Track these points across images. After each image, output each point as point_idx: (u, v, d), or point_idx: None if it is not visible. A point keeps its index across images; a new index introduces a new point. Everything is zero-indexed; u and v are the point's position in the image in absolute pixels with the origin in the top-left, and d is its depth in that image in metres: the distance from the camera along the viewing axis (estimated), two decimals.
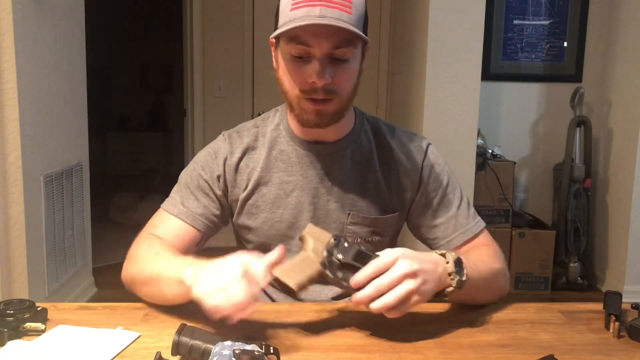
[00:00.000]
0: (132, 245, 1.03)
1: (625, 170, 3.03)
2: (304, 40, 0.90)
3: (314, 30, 0.89)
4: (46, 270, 2.38)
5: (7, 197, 2.15)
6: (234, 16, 4.00)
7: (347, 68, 0.94)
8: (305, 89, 0.94)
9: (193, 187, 1.06)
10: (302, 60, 0.93)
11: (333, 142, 1.06)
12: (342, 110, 0.98)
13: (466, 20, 2.75)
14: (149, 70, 6.76)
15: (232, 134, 1.09)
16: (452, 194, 1.09)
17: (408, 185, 1.09)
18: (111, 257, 3.46)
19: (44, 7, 2.33)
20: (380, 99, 4.09)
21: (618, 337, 0.87)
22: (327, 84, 0.92)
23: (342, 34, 0.89)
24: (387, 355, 0.79)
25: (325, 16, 0.87)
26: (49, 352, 0.78)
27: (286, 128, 1.08)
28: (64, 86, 2.57)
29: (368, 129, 1.10)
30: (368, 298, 0.79)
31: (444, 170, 1.11)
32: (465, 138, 2.83)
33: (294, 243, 1.05)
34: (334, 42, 0.90)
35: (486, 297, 1.00)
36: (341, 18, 0.88)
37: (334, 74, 0.92)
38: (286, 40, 0.93)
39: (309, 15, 0.88)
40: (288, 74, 0.95)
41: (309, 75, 0.92)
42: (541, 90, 3.38)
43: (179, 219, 1.04)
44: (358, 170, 1.06)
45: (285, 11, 0.91)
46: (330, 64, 0.92)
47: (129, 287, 1.01)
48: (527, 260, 3.11)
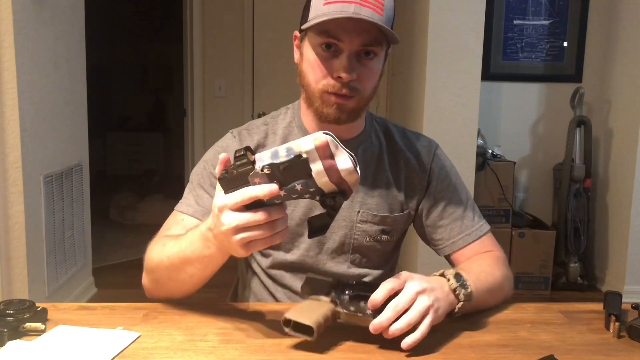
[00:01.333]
0: (146, 252, 1.01)
1: (625, 170, 3.03)
2: (336, 33, 0.92)
3: (347, 26, 0.91)
4: (46, 270, 2.38)
5: (7, 197, 2.15)
6: (234, 16, 4.00)
7: (372, 67, 0.96)
8: (330, 83, 0.95)
9: (207, 186, 1.06)
10: (330, 54, 0.94)
11: (345, 141, 1.06)
12: (360, 108, 1.00)
13: (466, 20, 2.75)
14: (149, 70, 6.76)
15: (241, 132, 1.09)
16: (458, 195, 1.11)
17: (417, 185, 1.10)
18: (111, 257, 3.47)
19: (44, 7, 2.33)
20: (380, 99, 4.09)
21: (618, 337, 0.87)
22: (352, 80, 0.94)
23: (372, 32, 0.92)
24: (387, 355, 0.79)
25: (359, 14, 0.89)
26: (49, 352, 0.78)
27: (299, 125, 1.08)
28: (64, 86, 2.57)
29: (378, 129, 1.12)
30: (388, 321, 0.77)
31: (451, 172, 1.13)
32: (465, 138, 2.83)
33: (302, 240, 1.06)
34: (364, 39, 0.92)
35: (492, 304, 1.00)
36: (373, 17, 0.90)
37: (360, 71, 0.94)
38: (317, 32, 0.94)
39: (343, 10, 0.89)
40: (314, 66, 0.96)
41: (336, 70, 0.94)
42: (541, 90, 3.38)
43: (194, 218, 1.02)
44: (369, 169, 1.07)
45: (318, 5, 0.92)
46: (357, 61, 0.94)
47: (155, 291, 0.99)
48: (527, 260, 3.11)
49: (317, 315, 0.78)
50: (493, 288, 0.97)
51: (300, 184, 0.73)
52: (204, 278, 0.91)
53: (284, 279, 1.08)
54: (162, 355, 0.79)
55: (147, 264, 0.98)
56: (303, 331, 0.77)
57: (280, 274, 1.08)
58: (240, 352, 0.80)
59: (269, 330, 0.86)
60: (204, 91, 4.08)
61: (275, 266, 1.08)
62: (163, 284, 0.96)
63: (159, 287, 0.98)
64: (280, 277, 1.08)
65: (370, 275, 1.10)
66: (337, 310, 0.81)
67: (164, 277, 0.95)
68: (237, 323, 0.90)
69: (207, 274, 0.90)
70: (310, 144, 0.71)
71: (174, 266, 0.91)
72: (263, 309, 0.97)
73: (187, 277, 0.90)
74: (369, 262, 1.09)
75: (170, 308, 0.96)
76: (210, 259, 0.85)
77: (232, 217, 0.74)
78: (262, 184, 0.72)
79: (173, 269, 0.91)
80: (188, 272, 0.89)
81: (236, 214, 0.74)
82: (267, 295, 1.10)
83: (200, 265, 0.87)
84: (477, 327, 0.91)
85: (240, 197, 0.73)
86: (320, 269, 1.07)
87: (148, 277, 0.99)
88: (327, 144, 0.71)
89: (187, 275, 0.90)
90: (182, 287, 0.95)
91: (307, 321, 0.77)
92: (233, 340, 0.84)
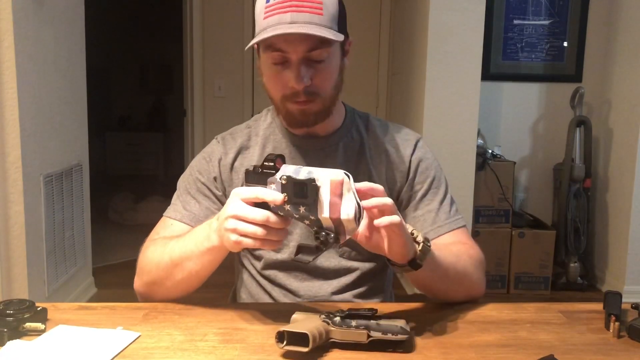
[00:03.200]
0: (139, 257, 1.02)
1: (625, 170, 3.03)
2: (279, 47, 0.93)
3: (287, 37, 0.91)
4: (46, 270, 2.38)
5: (7, 197, 2.15)
6: (234, 16, 4.00)
7: (325, 68, 0.97)
8: (287, 93, 0.97)
9: (193, 191, 1.07)
10: (281, 65, 0.96)
11: (325, 137, 1.08)
12: (326, 108, 1.01)
13: (466, 20, 2.76)
14: (149, 70, 6.76)
15: (225, 137, 1.12)
16: (436, 189, 1.10)
17: (397, 178, 1.10)
18: (111, 257, 3.46)
19: (44, 7, 2.33)
20: (380, 99, 4.09)
21: (618, 337, 0.87)
22: (306, 86, 0.95)
23: (314, 36, 0.91)
24: (387, 355, 0.79)
25: (297, 21, 0.90)
26: (49, 352, 0.78)
27: (279, 125, 1.10)
28: (64, 86, 2.57)
29: (360, 123, 1.13)
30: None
31: (432, 165, 1.12)
32: (465, 138, 2.83)
33: (291, 238, 1.07)
34: (307, 45, 0.93)
35: (456, 291, 1.00)
36: (312, 21, 0.91)
37: (313, 75, 0.95)
38: (264, 48, 0.96)
39: (280, 22, 0.91)
40: (270, 80, 0.99)
41: (288, 80, 0.95)
42: (541, 90, 3.38)
43: (182, 223, 1.05)
44: (350, 163, 1.08)
45: (259, 20, 0.95)
46: (308, 66, 0.95)
47: (149, 295, 1.00)
48: (527, 260, 3.11)
49: (311, 327, 0.78)
50: (457, 267, 0.97)
51: (304, 208, 0.77)
52: (202, 277, 0.94)
53: (278, 278, 1.09)
54: (162, 355, 0.79)
55: (143, 266, 0.99)
56: (297, 344, 0.77)
57: (274, 274, 1.09)
58: (240, 352, 0.80)
59: (269, 330, 0.86)
60: (204, 91, 4.08)
61: (268, 267, 1.09)
62: (159, 284, 0.97)
63: (154, 289, 0.99)
64: (275, 277, 1.09)
65: (361, 268, 1.09)
66: (330, 329, 0.80)
67: (161, 277, 0.96)
68: (237, 323, 0.90)
69: (204, 272, 0.92)
70: (327, 176, 0.76)
71: (173, 263, 0.93)
72: (262, 309, 0.97)
73: (185, 275, 0.93)
74: (359, 255, 1.09)
75: (170, 308, 0.96)
76: (210, 252, 0.88)
77: (237, 205, 0.79)
78: (275, 190, 0.78)
79: (172, 266, 0.93)
80: (187, 268, 0.92)
81: (241, 204, 0.79)
82: (264, 295, 1.11)
83: (199, 261, 0.90)
84: (477, 327, 0.91)
85: (251, 194, 0.79)
86: (312, 265, 1.07)
87: (142, 279, 1.00)
88: (341, 183, 0.75)
89: (186, 273, 0.92)
90: (178, 287, 0.96)
91: (302, 330, 0.77)
92: (233, 340, 0.84)
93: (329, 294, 1.08)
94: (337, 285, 1.08)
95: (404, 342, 0.79)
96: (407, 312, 0.97)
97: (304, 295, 1.07)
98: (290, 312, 0.85)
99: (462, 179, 2.81)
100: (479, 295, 1.03)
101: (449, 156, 2.75)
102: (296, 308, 0.97)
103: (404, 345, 0.80)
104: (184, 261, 0.92)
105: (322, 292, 1.08)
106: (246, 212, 0.78)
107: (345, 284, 1.08)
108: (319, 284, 1.08)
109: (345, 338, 0.80)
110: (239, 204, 0.79)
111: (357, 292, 1.09)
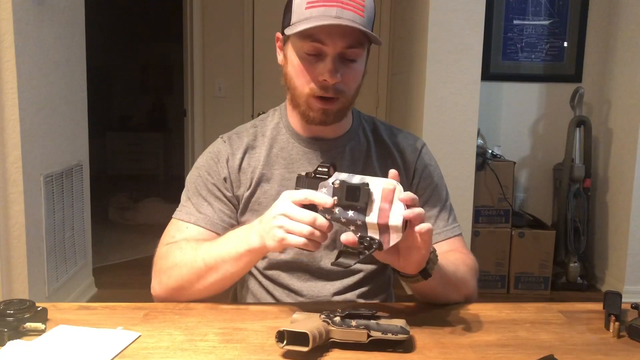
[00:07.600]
0: (156, 261, 1.02)
1: (625, 170, 3.03)
2: (319, 38, 0.93)
3: (330, 30, 0.92)
4: (46, 270, 2.38)
5: (7, 197, 2.15)
6: (234, 16, 4.00)
7: (355, 68, 0.98)
8: (316, 86, 0.97)
9: (205, 193, 1.06)
10: (314, 57, 0.95)
11: (333, 139, 1.08)
12: (345, 109, 1.02)
13: (466, 20, 2.75)
14: (149, 70, 6.76)
15: (231, 136, 1.11)
16: (438, 196, 1.11)
17: (402, 182, 1.09)
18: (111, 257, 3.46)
19: (44, 7, 2.33)
20: (380, 99, 4.09)
21: (618, 337, 0.87)
22: (337, 82, 0.95)
23: (355, 35, 0.93)
24: (387, 355, 0.79)
25: (342, 17, 0.91)
26: (49, 352, 0.78)
27: (286, 125, 1.09)
28: (64, 86, 2.57)
29: (366, 126, 1.13)
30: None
31: (434, 172, 1.13)
32: (465, 138, 2.83)
33: None
34: (347, 42, 0.94)
35: (453, 297, 1.01)
36: (355, 20, 0.92)
37: (344, 73, 0.96)
38: (300, 37, 0.95)
39: (325, 15, 0.91)
40: (299, 71, 0.98)
41: (321, 73, 0.95)
42: (541, 90, 3.38)
43: (197, 226, 1.04)
44: (357, 166, 1.08)
45: (300, 9, 0.93)
46: (341, 63, 0.96)
47: (172, 298, 0.99)
48: (527, 260, 3.11)
49: (311, 327, 0.78)
50: (457, 275, 0.99)
51: (353, 212, 0.80)
52: (234, 279, 0.96)
53: (281, 278, 1.09)
54: (162, 355, 0.79)
55: (166, 270, 0.99)
56: (297, 343, 0.77)
57: (277, 274, 1.09)
58: (240, 352, 0.80)
59: (269, 330, 0.86)
60: (204, 91, 4.08)
61: (272, 267, 1.09)
62: (187, 288, 0.97)
63: (180, 293, 0.98)
64: (277, 277, 1.09)
65: (363, 270, 1.10)
66: (331, 329, 0.80)
67: (191, 280, 0.96)
68: (237, 323, 0.90)
69: (238, 274, 0.95)
70: (379, 184, 0.80)
71: (207, 267, 0.94)
72: (263, 309, 0.97)
73: (219, 277, 0.94)
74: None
75: (171, 308, 0.96)
76: (249, 254, 0.90)
77: (287, 205, 0.83)
78: (325, 194, 0.81)
79: (207, 269, 0.94)
80: (222, 270, 0.93)
81: (291, 204, 0.82)
82: (266, 295, 1.11)
83: (235, 263, 0.92)
84: (477, 327, 0.91)
85: (301, 195, 0.82)
86: (315, 265, 1.07)
87: (166, 284, 0.99)
88: (393, 191, 0.79)
89: (220, 275, 0.94)
90: (208, 289, 0.97)
91: (302, 329, 0.77)
92: (233, 340, 0.84)
93: (331, 295, 1.08)
94: (340, 286, 1.08)
95: (404, 342, 0.79)
96: (407, 312, 0.97)
97: (307, 295, 1.07)
98: (290, 312, 0.85)
99: (462, 179, 2.81)
100: (472, 301, 1.04)
101: (449, 156, 2.75)
102: (296, 308, 0.97)
103: (404, 345, 0.80)
104: (220, 264, 0.93)
105: (324, 293, 1.08)
106: (295, 212, 0.81)
107: (347, 284, 1.09)
108: (321, 285, 1.08)
109: (345, 338, 0.80)
110: (289, 204, 0.82)
111: (359, 293, 1.10)
